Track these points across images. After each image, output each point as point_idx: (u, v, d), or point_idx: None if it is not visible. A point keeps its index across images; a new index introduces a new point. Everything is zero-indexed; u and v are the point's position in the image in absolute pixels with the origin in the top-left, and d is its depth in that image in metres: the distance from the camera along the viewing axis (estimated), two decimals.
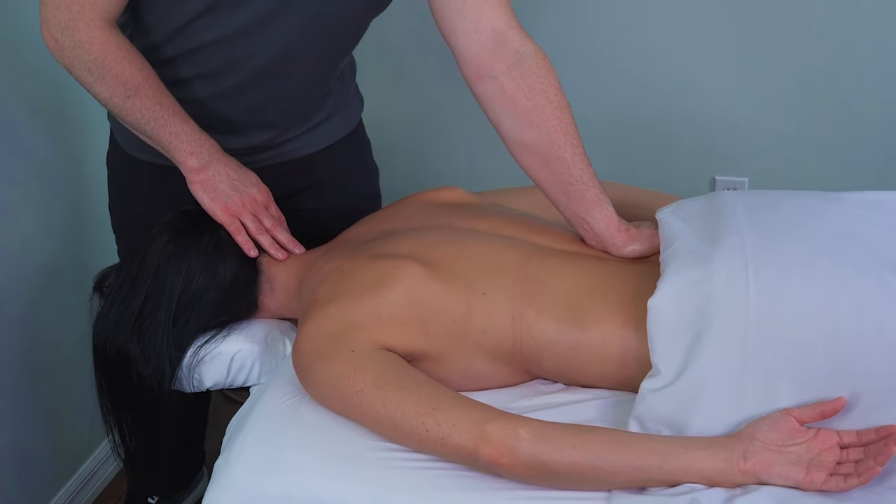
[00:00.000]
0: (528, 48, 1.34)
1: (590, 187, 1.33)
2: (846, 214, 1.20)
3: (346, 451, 1.18)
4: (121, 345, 1.34)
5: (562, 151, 1.32)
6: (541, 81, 1.33)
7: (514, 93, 1.33)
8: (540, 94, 1.33)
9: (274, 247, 1.43)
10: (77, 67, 1.30)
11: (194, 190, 1.39)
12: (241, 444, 1.22)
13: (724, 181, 2.35)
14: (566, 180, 1.33)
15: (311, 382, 1.23)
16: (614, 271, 1.28)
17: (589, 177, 1.33)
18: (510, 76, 1.33)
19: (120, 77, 1.30)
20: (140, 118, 1.34)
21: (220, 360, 1.37)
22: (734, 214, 1.22)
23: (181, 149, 1.37)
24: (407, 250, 1.29)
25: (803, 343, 1.08)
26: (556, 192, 1.36)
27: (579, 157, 1.33)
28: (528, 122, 1.33)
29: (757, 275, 1.11)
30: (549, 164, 1.33)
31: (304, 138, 1.57)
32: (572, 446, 1.06)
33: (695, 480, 1.06)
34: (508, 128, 1.35)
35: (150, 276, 1.34)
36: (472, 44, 1.33)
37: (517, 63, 1.33)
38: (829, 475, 1.04)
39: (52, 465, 2.02)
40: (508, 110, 1.34)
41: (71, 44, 1.28)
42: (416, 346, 1.23)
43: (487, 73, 1.34)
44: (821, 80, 2.21)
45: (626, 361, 1.21)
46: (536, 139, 1.33)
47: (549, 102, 1.33)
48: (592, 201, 1.33)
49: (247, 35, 1.34)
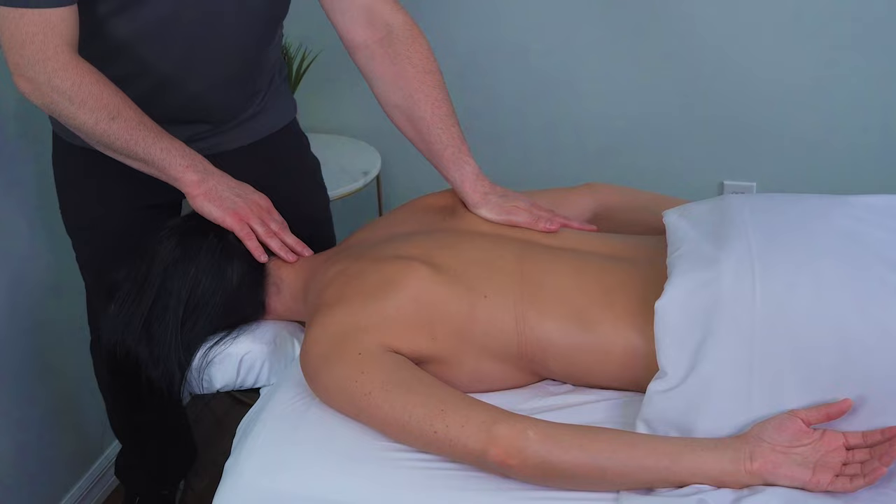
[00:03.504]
0: (397, 20, 1.49)
1: (447, 146, 1.46)
2: (852, 218, 1.20)
3: (355, 452, 1.19)
4: (130, 347, 1.35)
5: (422, 111, 1.46)
6: (406, 48, 1.47)
7: (382, 59, 1.48)
8: (404, 59, 1.47)
9: (284, 249, 1.43)
10: (56, 101, 1.31)
11: (198, 204, 1.39)
12: (252, 445, 1.23)
13: (733, 185, 2.36)
14: (427, 139, 1.47)
15: (320, 385, 1.24)
16: (618, 271, 1.28)
17: (448, 136, 1.46)
18: (379, 45, 1.48)
19: (100, 99, 1.32)
20: (128, 140, 1.34)
21: (230, 361, 1.38)
22: (741, 217, 1.22)
23: (175, 164, 1.37)
24: (412, 253, 1.31)
25: (810, 345, 1.08)
26: (423, 149, 1.50)
27: (439, 118, 1.46)
28: (394, 85, 1.48)
29: (763, 277, 1.12)
30: (413, 123, 1.48)
31: (234, 132, 1.60)
32: (580, 447, 1.07)
33: (702, 481, 1.07)
34: (379, 91, 1.51)
35: (158, 279, 1.35)
36: (348, 20, 1.49)
37: (386, 34, 1.48)
38: (835, 476, 1.05)
39: (63, 467, 2.03)
40: (378, 75, 1.50)
41: (45, 77, 1.29)
42: (423, 349, 1.24)
43: (361, 44, 1.50)
44: (830, 85, 2.21)
45: (631, 362, 1.22)
46: (400, 100, 1.48)
47: (413, 67, 1.47)
48: (450, 160, 1.46)
49: (153, 35, 1.37)
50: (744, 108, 2.28)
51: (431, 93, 1.47)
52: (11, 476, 1.86)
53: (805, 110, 2.25)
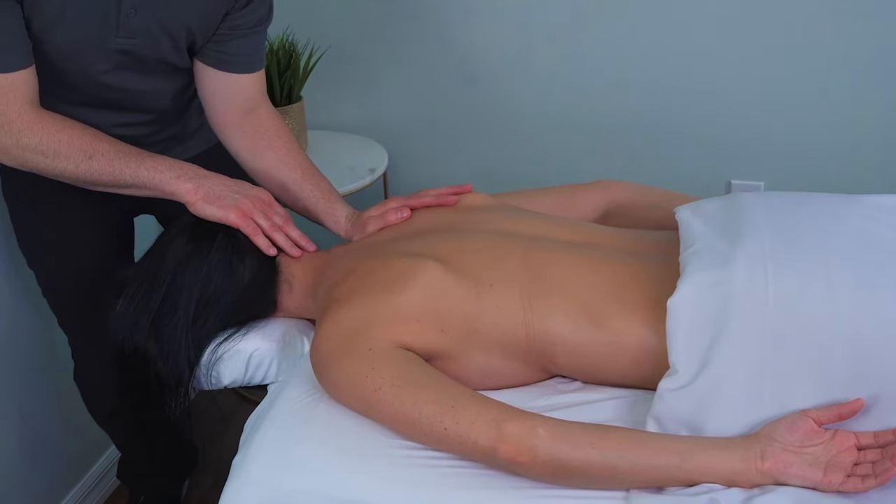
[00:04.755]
0: (265, 109, 1.58)
1: (318, 199, 1.54)
2: (865, 217, 1.20)
3: (364, 449, 1.18)
4: (138, 344, 1.35)
5: (293, 174, 1.54)
6: (273, 123, 1.57)
7: (252, 136, 1.55)
8: (272, 132, 1.56)
9: (289, 244, 1.43)
10: (29, 158, 1.32)
11: (199, 209, 1.38)
12: (259, 442, 1.23)
13: (740, 185, 2.35)
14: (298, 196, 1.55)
15: (329, 381, 1.23)
16: (630, 266, 1.28)
17: (320, 191, 1.54)
18: (250, 125, 1.56)
19: (71, 143, 1.33)
20: (112, 171, 1.35)
21: (239, 357, 1.38)
22: (754, 215, 1.22)
23: (166, 178, 1.38)
24: (422, 250, 1.31)
25: (822, 344, 1.08)
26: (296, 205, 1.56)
27: (308, 177, 1.55)
28: (262, 154, 1.55)
29: (776, 276, 1.11)
30: (286, 187, 1.55)
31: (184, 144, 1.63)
32: (591, 445, 1.07)
33: (713, 480, 1.07)
34: (246, 160, 1.57)
35: (169, 276, 1.35)
36: (228, 108, 1.55)
37: (254, 116, 1.56)
38: (847, 476, 1.05)
39: (63, 467, 2.03)
40: (247, 147, 1.56)
41: (13, 140, 1.30)
42: (433, 344, 1.24)
43: (234, 124, 1.56)
44: (838, 84, 2.20)
45: (642, 359, 1.21)
46: (269, 165, 1.55)
47: (279, 138, 1.56)
48: (324, 211, 1.53)
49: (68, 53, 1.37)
50: (751, 108, 2.27)
51: (298, 157, 1.57)
52: (12, 476, 1.85)
53: (812, 110, 2.24)
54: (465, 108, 2.46)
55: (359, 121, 2.54)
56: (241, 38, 1.49)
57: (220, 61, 1.50)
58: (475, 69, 2.40)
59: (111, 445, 2.16)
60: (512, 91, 2.42)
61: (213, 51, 1.49)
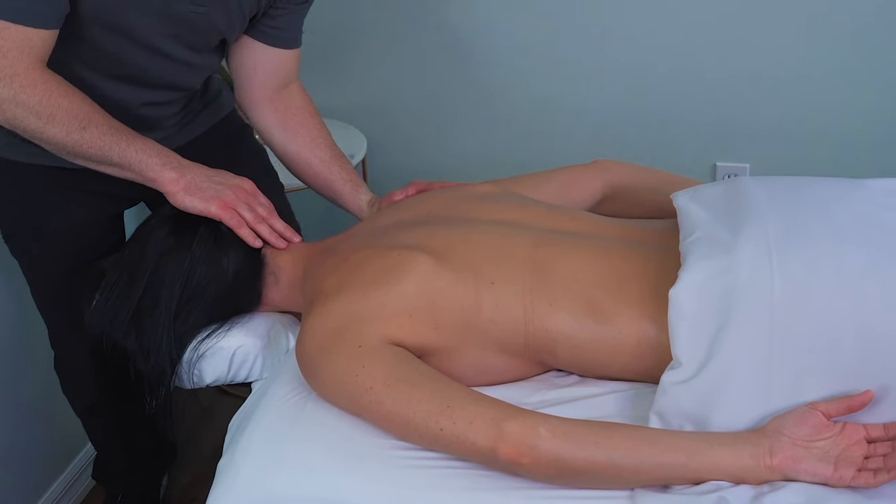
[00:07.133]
0: (296, 86, 1.62)
1: (346, 181, 1.58)
2: (869, 202, 1.16)
3: (356, 450, 1.14)
4: (118, 340, 1.30)
5: (323, 153, 1.59)
6: (304, 101, 1.62)
7: (284, 112, 1.60)
8: (304, 110, 1.61)
9: (273, 235, 1.39)
10: (22, 117, 1.26)
11: (179, 200, 1.34)
12: (246, 444, 1.18)
13: (726, 167, 2.34)
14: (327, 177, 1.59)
15: (317, 380, 1.19)
16: (631, 258, 1.23)
17: (347, 174, 1.59)
18: (282, 101, 1.60)
19: (70, 110, 1.27)
20: (102, 146, 1.30)
21: (222, 355, 1.33)
22: (755, 201, 1.18)
23: (152, 163, 1.33)
24: (415, 241, 1.25)
25: (831, 335, 1.04)
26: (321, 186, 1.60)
27: (336, 158, 1.59)
28: (295, 130, 1.59)
29: (782, 264, 1.07)
30: (312, 165, 1.59)
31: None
32: (595, 444, 1.02)
33: (720, 478, 1.03)
34: (275, 135, 1.60)
35: (150, 268, 1.30)
36: (266, 82, 1.58)
37: (287, 92, 1.61)
38: (858, 471, 1.01)
39: (42, 463, 1.99)
40: (278, 123, 1.60)
41: (10, 93, 1.23)
42: (426, 340, 1.19)
43: (267, 99, 1.59)
44: (822, 66, 2.19)
45: (644, 352, 1.17)
46: (301, 143, 1.59)
47: (311, 117, 1.61)
48: (349, 193, 1.58)
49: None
50: (736, 90, 2.26)
51: (329, 138, 1.61)
52: None
53: (797, 92, 2.23)
54: (445, 93, 2.43)
55: (336, 107, 2.49)
56: (292, 13, 1.53)
57: (270, 35, 1.53)
58: (461, 55, 2.37)
59: (86, 445, 2.12)
60: (494, 75, 2.39)
61: (265, 25, 1.52)
